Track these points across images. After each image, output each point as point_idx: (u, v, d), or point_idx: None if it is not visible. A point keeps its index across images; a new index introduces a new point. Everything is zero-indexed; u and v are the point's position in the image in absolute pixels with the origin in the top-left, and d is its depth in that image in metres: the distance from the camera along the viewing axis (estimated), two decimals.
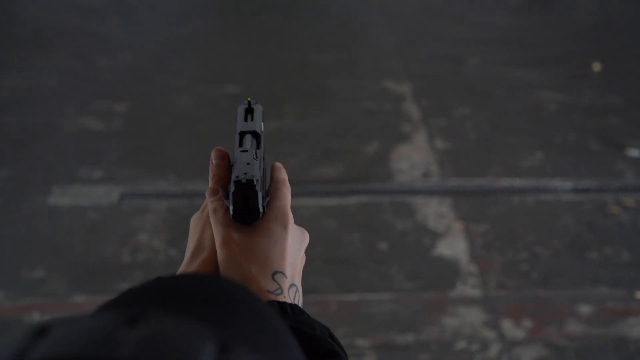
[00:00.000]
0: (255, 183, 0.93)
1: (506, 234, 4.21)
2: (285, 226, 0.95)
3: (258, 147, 1.02)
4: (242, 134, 1.04)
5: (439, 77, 6.18)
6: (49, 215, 4.37)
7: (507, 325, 3.53)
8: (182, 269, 0.96)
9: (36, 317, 3.50)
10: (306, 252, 0.99)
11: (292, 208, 0.99)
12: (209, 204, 0.98)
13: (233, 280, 0.68)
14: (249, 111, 1.09)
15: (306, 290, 3.60)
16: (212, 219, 0.96)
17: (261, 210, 0.94)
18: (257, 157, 0.98)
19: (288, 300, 0.93)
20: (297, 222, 0.98)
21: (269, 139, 4.90)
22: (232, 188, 0.93)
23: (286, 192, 0.99)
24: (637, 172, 4.80)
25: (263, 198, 0.95)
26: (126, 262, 3.97)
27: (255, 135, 1.04)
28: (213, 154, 1.02)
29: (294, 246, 0.96)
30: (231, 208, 0.94)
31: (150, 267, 3.94)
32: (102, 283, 3.82)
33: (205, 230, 0.98)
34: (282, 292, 0.93)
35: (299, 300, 0.95)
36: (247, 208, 0.94)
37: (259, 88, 5.91)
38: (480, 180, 4.71)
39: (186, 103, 5.70)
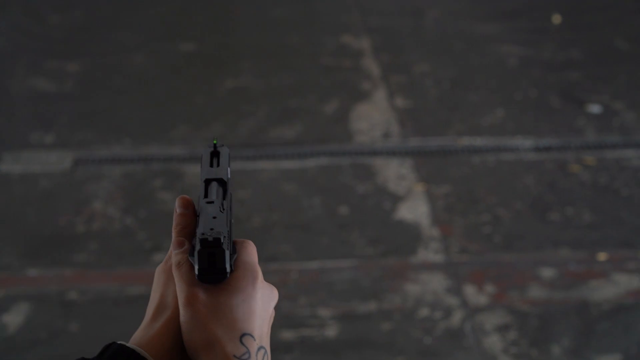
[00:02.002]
0: (222, 241, 0.85)
1: (467, 195, 4.17)
2: (254, 284, 0.89)
3: (224, 196, 0.95)
4: (208, 182, 0.97)
5: (399, 31, 6.09)
6: (0, 183, 4.24)
7: (470, 291, 3.50)
8: (142, 328, 0.89)
9: None
10: (265, 217, 0.92)
11: (251, 172, 0.92)
12: (173, 256, 0.91)
13: None
14: (215, 154, 1.02)
15: (266, 259, 3.55)
16: (175, 275, 0.89)
17: (228, 269, 0.87)
18: (223, 209, 0.92)
19: None
20: (255, 187, 0.91)
21: (226, 98, 4.81)
22: (197, 246, 0.86)
23: (253, 247, 0.92)
24: (598, 129, 4.77)
25: (230, 256, 0.88)
26: (81, 231, 3.88)
27: (222, 183, 0.97)
28: (177, 203, 0.96)
29: (263, 305, 0.89)
30: (196, 267, 0.86)
31: (105, 236, 3.85)
32: (57, 255, 3.72)
33: (168, 285, 0.91)
34: (249, 357, 0.86)
35: None
36: (214, 267, 0.86)
37: (215, 45, 5.78)
38: (441, 139, 4.65)
39: (140, 62, 5.55)
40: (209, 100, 5.06)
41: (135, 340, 0.88)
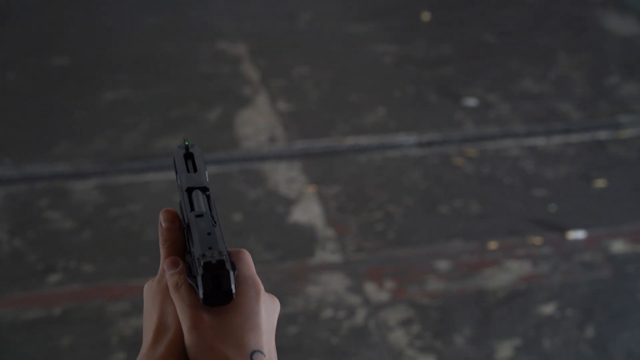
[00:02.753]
0: (225, 262, 0.83)
1: (358, 194, 4.23)
2: (257, 299, 0.86)
3: (210, 206, 0.92)
4: (190, 191, 0.92)
5: (274, 35, 6.11)
6: None
7: (370, 288, 3.55)
8: (145, 353, 0.86)
9: None
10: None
11: (140, 185, 0.89)
12: (168, 277, 0.88)
13: None
14: (188, 157, 0.96)
15: None
16: (175, 297, 0.86)
17: (234, 290, 0.84)
18: (215, 222, 0.89)
19: None
20: (146, 200, 0.88)
21: (107, 111, 4.69)
22: (199, 270, 0.83)
23: (249, 257, 0.89)
24: (476, 121, 4.92)
25: (233, 274, 0.84)
26: None
27: (205, 190, 0.93)
28: (162, 216, 0.92)
29: (267, 319, 0.87)
30: (201, 292, 0.83)
31: None
32: None
33: (166, 306, 0.88)
34: None
35: None
36: (219, 290, 0.83)
37: (90, 57, 5.66)
38: (327, 140, 4.70)
39: (13, 79, 5.39)
40: (89, 114, 4.96)
41: None
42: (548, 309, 3.41)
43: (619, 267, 3.65)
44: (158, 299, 0.89)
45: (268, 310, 0.88)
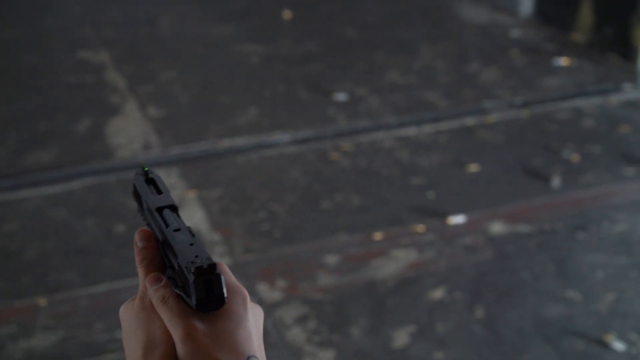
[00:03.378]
0: (217, 265, 0.84)
1: (240, 195, 4.22)
2: (244, 305, 0.87)
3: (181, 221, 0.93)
4: (160, 210, 0.94)
5: (136, 41, 6.02)
6: None
7: (263, 288, 3.56)
8: None
9: None
10: (39, 247, 0.88)
11: (13, 203, 0.89)
12: (152, 293, 0.87)
13: None
14: (149, 182, 0.99)
15: (51, 289, 3.40)
16: (163, 311, 0.86)
17: (225, 294, 0.85)
18: (193, 234, 0.89)
19: None
20: (21, 218, 0.89)
21: None
22: (189, 276, 0.83)
23: (226, 267, 0.90)
24: (347, 116, 4.99)
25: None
26: None
27: (174, 209, 0.94)
28: (137, 236, 0.92)
29: (255, 324, 0.88)
30: (193, 298, 0.83)
31: None
32: None
33: (152, 322, 0.87)
34: None
35: None
36: (212, 295, 0.83)
37: None
38: (202, 144, 4.67)
39: None
40: None
41: None
42: (437, 293, 3.50)
43: (500, 248, 3.78)
44: (142, 316, 0.88)
45: (255, 317, 0.89)
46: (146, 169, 1.00)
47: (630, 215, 3.97)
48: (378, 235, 3.88)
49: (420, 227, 3.92)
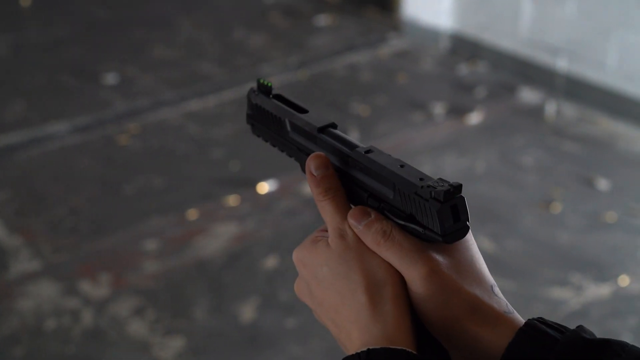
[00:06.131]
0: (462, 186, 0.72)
1: (32, 194, 3.89)
2: None
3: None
4: (323, 130, 0.80)
5: None
6: None
7: (86, 287, 3.30)
8: (371, 321, 0.72)
9: None
10: None
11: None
12: (364, 229, 0.75)
13: None
14: (277, 98, 0.85)
15: None
16: (387, 246, 0.74)
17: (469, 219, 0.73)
18: (388, 154, 0.76)
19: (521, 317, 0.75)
20: None
21: None
22: (433, 204, 0.70)
23: None
24: (123, 97, 4.75)
25: None
26: None
27: (334, 127, 0.81)
28: (313, 164, 0.79)
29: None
30: (439, 228, 0.71)
31: None
32: None
33: (366, 261, 0.75)
34: (508, 307, 0.74)
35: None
36: (458, 222, 0.71)
37: None
38: None
39: None
40: None
41: (377, 337, 0.71)
42: (270, 262, 3.41)
43: (317, 209, 3.75)
44: (350, 256, 0.76)
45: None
46: (268, 83, 0.83)
47: (432, 157, 4.08)
48: (193, 214, 3.72)
49: (232, 199, 3.81)
